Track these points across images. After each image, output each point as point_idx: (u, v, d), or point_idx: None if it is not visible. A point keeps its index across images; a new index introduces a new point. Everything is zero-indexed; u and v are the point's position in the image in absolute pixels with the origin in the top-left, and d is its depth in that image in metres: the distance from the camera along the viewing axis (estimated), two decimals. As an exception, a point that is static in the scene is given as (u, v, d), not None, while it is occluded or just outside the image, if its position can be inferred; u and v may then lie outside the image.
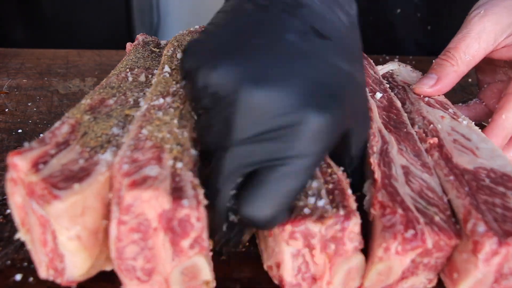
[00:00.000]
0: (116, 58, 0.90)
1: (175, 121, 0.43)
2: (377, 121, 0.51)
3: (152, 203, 0.35)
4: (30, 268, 0.43)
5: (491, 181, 0.42)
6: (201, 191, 0.37)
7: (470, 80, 0.86)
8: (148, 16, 1.91)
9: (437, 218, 0.39)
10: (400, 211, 0.39)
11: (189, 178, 0.38)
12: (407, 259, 0.39)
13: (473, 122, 0.54)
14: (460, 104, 0.67)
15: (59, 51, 0.92)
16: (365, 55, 0.71)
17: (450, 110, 0.56)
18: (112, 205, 0.37)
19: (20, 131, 0.65)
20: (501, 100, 0.56)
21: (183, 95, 0.47)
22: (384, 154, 0.46)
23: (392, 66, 0.70)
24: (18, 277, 0.42)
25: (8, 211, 0.50)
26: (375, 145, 0.47)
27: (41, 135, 0.63)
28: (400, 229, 0.38)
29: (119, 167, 0.37)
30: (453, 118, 0.54)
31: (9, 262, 0.44)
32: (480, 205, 0.40)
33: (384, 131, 0.49)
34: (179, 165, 0.38)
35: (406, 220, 0.38)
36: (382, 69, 0.69)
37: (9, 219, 0.49)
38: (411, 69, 0.69)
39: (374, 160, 0.45)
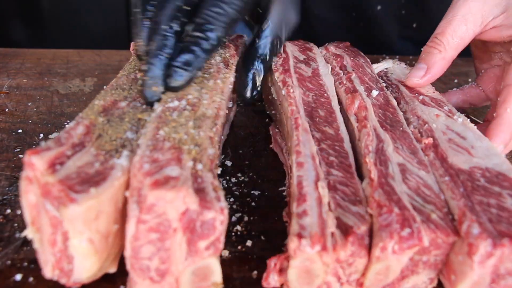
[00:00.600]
0: (116, 58, 0.91)
1: (191, 122, 0.44)
2: (372, 120, 0.51)
3: (175, 204, 0.35)
4: (30, 268, 0.43)
5: (486, 181, 0.43)
6: (222, 193, 0.38)
7: (470, 80, 0.86)
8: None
9: (433, 216, 0.40)
10: (396, 210, 0.39)
11: (209, 180, 0.38)
12: (404, 257, 0.39)
13: (468, 120, 0.54)
14: (455, 88, 0.67)
15: (59, 51, 0.92)
16: (362, 53, 0.71)
17: (445, 107, 0.56)
18: (130, 204, 0.37)
19: (20, 131, 0.65)
20: (501, 93, 0.55)
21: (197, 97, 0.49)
22: (380, 152, 0.46)
23: (386, 65, 0.70)
24: (18, 277, 0.42)
25: (8, 211, 0.50)
26: (370, 144, 0.47)
27: (41, 135, 0.64)
28: (397, 228, 0.38)
29: (140, 166, 0.37)
30: (448, 115, 0.54)
31: (9, 262, 0.44)
32: (475, 206, 0.40)
33: (380, 130, 0.50)
34: (199, 166, 0.39)
35: (402, 219, 0.38)
36: (377, 68, 0.69)
37: (9, 219, 0.49)
38: (405, 66, 0.69)
39: (370, 159, 0.45)
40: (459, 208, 0.40)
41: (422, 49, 0.61)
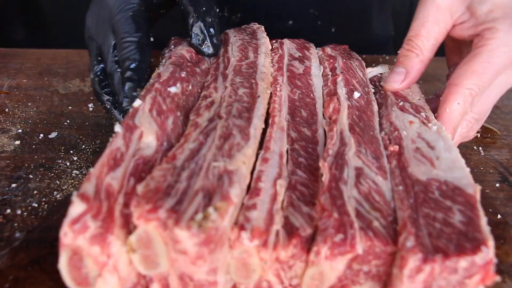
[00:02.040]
0: (117, 59, 0.92)
1: None
2: (341, 123, 0.51)
3: None
4: (29, 268, 0.45)
5: (440, 194, 0.41)
6: None
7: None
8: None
9: (375, 223, 0.39)
10: (335, 215, 0.38)
11: None
12: (338, 264, 0.37)
13: (443, 128, 0.52)
14: (431, 96, 0.66)
15: (59, 51, 0.93)
16: (358, 57, 0.70)
17: (423, 114, 0.54)
18: None
19: (20, 131, 0.67)
20: (443, 93, 0.54)
21: None
22: (339, 156, 0.46)
23: (381, 70, 0.69)
24: (18, 277, 0.44)
25: (8, 211, 0.51)
26: (331, 148, 0.47)
27: (41, 135, 0.65)
28: (331, 233, 0.37)
29: None
30: (423, 123, 0.52)
31: (9, 262, 0.45)
32: (419, 218, 0.38)
33: (346, 133, 0.49)
34: None
35: (338, 224, 0.38)
36: (371, 72, 0.69)
37: (9, 219, 0.50)
38: None
39: (326, 163, 0.45)
40: (403, 219, 0.39)
41: (398, 52, 0.60)
